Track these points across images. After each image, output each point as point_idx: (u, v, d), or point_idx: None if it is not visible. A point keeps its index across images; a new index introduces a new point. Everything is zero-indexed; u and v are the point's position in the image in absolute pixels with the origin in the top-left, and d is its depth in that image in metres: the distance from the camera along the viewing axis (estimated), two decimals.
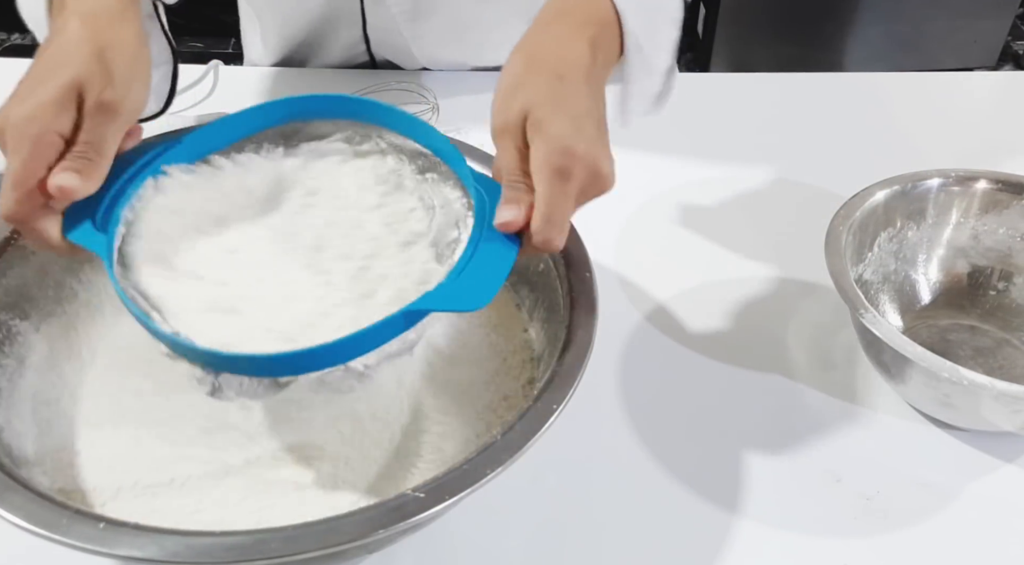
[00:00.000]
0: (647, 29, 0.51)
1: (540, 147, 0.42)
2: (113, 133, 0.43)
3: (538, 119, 0.42)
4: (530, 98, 0.43)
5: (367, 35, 0.84)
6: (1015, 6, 2.13)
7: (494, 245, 0.41)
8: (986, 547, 0.50)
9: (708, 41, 2.12)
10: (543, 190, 0.41)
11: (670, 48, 0.54)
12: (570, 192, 0.42)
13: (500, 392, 0.50)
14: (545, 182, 0.41)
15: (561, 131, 0.42)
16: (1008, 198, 0.60)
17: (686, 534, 0.50)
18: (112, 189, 0.43)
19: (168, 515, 0.43)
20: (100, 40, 0.43)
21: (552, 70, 0.45)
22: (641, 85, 0.54)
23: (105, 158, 0.42)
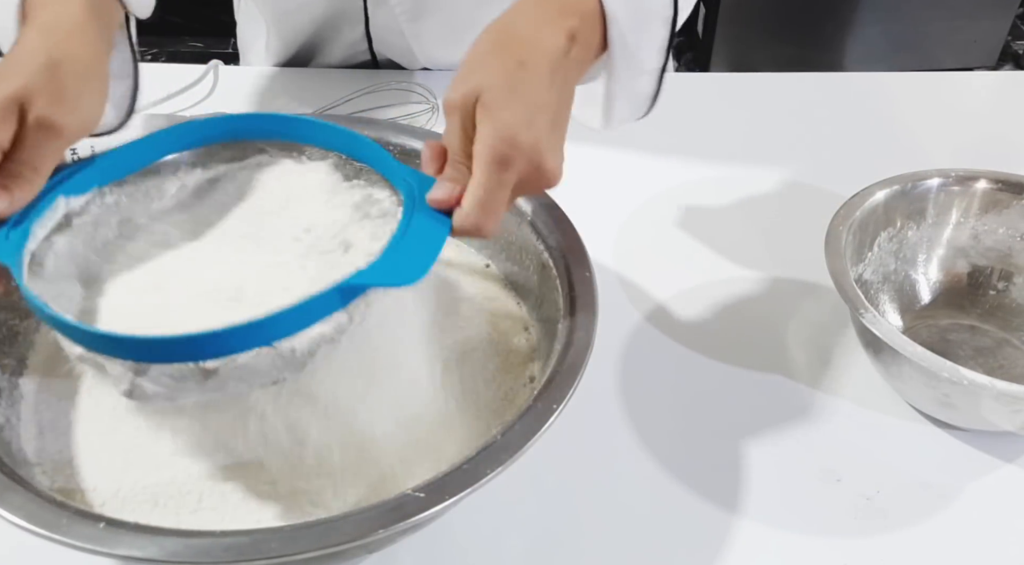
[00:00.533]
0: (634, 25, 0.49)
1: (485, 132, 0.42)
2: (52, 151, 0.42)
3: (488, 102, 0.42)
4: (486, 79, 0.42)
5: (369, 34, 0.84)
6: (1015, 6, 2.13)
7: (427, 223, 0.41)
8: (986, 547, 0.50)
9: (708, 41, 2.12)
10: (480, 175, 0.41)
11: (660, 47, 0.52)
12: (507, 181, 0.42)
13: (501, 390, 0.50)
14: (483, 167, 0.41)
15: (509, 119, 0.42)
16: (1008, 198, 0.60)
17: (686, 534, 0.50)
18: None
19: (168, 515, 0.43)
20: (54, 53, 0.42)
21: (515, 54, 0.44)
22: (626, 84, 0.52)
23: (39, 176, 0.42)
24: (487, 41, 0.45)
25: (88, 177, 0.45)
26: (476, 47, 0.45)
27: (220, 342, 0.36)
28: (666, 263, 0.68)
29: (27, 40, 0.43)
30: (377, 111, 0.79)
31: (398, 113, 0.78)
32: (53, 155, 0.42)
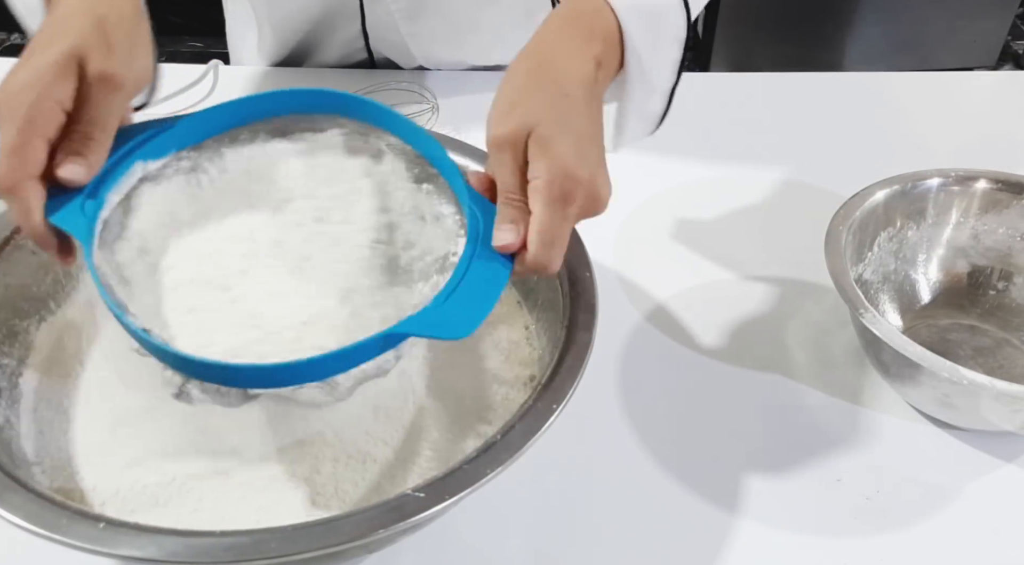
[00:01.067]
0: (649, 46, 0.50)
1: (543, 168, 0.41)
2: (116, 107, 0.42)
3: (543, 138, 0.41)
4: (535, 114, 0.42)
5: (366, 32, 0.84)
6: (1015, 6, 2.13)
7: (484, 268, 0.40)
8: (986, 547, 0.50)
9: (708, 41, 2.12)
10: (543, 213, 0.41)
11: (672, 67, 0.53)
12: (570, 216, 0.42)
13: (502, 389, 0.50)
14: (546, 205, 0.41)
15: (566, 153, 0.41)
16: (1008, 198, 0.60)
17: (686, 534, 0.50)
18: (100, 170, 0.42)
19: (168, 515, 0.43)
20: (98, 9, 0.42)
21: (558, 86, 0.44)
22: (639, 104, 0.53)
23: (108, 136, 0.42)
24: (523, 72, 0.45)
25: (166, 141, 0.45)
26: (513, 79, 0.45)
27: (269, 376, 0.38)
28: (666, 263, 0.68)
29: (67, 3, 0.43)
30: None
31: None
32: (117, 111, 0.42)
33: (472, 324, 0.38)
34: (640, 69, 0.50)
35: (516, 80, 0.44)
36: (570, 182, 0.41)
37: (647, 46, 0.50)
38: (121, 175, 0.43)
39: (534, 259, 0.41)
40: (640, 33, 0.49)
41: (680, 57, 0.53)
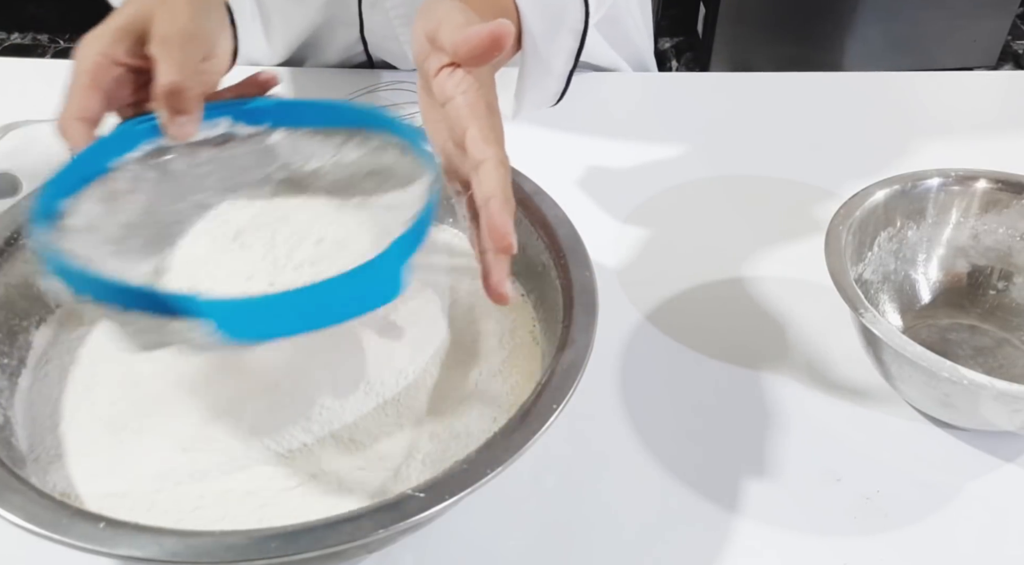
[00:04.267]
0: (546, 34, 0.53)
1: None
2: (190, 61, 0.45)
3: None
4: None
5: (364, 38, 0.84)
6: (1015, 6, 2.13)
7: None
8: (986, 547, 0.50)
9: (708, 41, 2.12)
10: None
11: (568, 55, 0.57)
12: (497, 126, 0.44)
13: (507, 384, 0.50)
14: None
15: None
16: (1008, 198, 0.60)
17: (686, 534, 0.50)
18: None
19: (168, 514, 0.43)
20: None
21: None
22: (536, 82, 0.56)
23: (191, 89, 0.45)
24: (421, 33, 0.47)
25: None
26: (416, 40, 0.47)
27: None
28: (666, 263, 0.68)
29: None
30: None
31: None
32: (191, 66, 0.46)
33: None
34: (536, 53, 0.54)
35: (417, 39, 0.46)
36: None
37: (543, 33, 0.53)
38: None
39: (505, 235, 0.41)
40: (537, 23, 0.52)
41: (577, 47, 0.56)
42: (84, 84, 0.45)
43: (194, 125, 0.45)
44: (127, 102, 0.48)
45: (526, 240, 0.53)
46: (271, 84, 0.51)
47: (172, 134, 0.45)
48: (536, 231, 0.52)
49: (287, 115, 0.49)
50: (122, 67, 0.46)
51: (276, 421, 0.47)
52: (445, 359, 0.51)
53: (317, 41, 0.85)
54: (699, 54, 2.20)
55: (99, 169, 0.45)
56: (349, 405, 0.48)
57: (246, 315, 0.36)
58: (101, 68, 0.45)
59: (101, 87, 0.45)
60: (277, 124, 0.49)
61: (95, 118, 0.46)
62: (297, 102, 0.49)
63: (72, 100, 0.45)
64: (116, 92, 0.47)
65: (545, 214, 0.53)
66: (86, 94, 0.45)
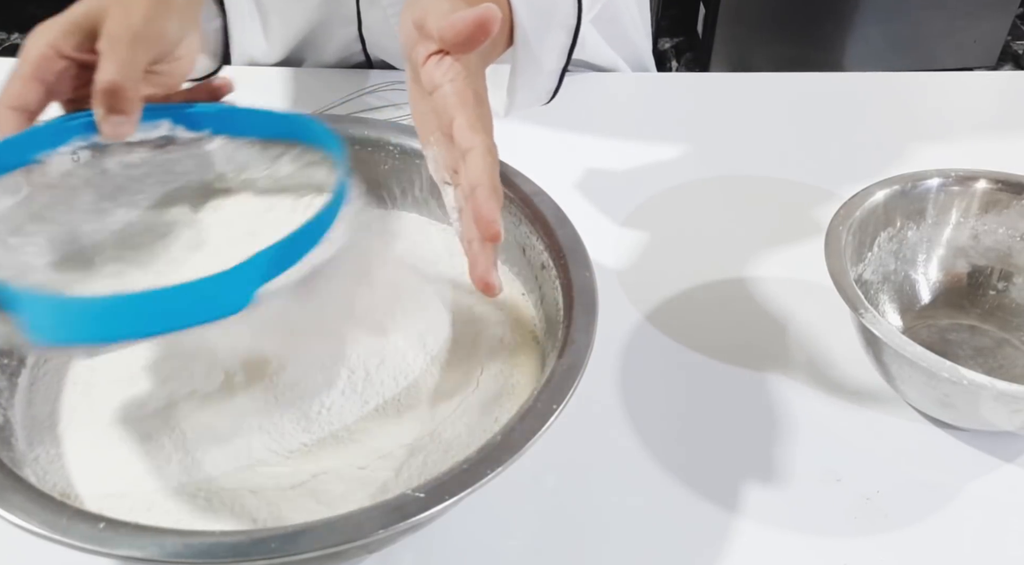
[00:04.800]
0: (538, 30, 0.52)
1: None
2: (137, 62, 0.45)
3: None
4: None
5: (362, 36, 0.84)
6: (1015, 6, 2.13)
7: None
8: (986, 547, 0.50)
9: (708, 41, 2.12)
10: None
11: (561, 51, 0.56)
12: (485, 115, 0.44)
13: (508, 384, 0.50)
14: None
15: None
16: (1008, 198, 0.60)
17: (686, 534, 0.50)
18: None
19: (168, 514, 0.43)
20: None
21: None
22: (528, 79, 0.55)
23: (132, 89, 0.44)
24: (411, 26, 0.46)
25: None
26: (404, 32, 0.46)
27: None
28: (666, 263, 0.68)
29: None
30: (376, 111, 0.79)
31: (397, 113, 0.78)
32: (137, 68, 0.45)
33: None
34: (527, 49, 0.53)
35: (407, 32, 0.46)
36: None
37: (534, 29, 0.52)
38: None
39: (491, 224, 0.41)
40: (528, 17, 0.51)
41: (569, 43, 0.56)
42: (24, 74, 0.45)
43: (130, 126, 0.45)
44: (69, 97, 0.47)
45: (526, 240, 0.53)
46: (224, 91, 0.50)
47: (106, 133, 0.45)
48: (536, 231, 0.52)
49: (227, 122, 0.48)
50: (68, 61, 0.45)
51: (276, 421, 0.47)
52: (446, 359, 0.51)
53: (315, 39, 0.85)
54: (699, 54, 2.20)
55: (23, 159, 0.44)
56: (349, 405, 0.48)
57: (57, 314, 0.34)
58: (46, 59, 0.45)
59: (42, 79, 0.45)
60: (217, 131, 0.48)
61: (30, 109, 0.45)
62: (238, 110, 0.49)
63: (10, 88, 0.44)
64: (57, 85, 0.46)
65: (545, 214, 0.53)
66: (25, 84, 0.44)
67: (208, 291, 0.35)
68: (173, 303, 0.35)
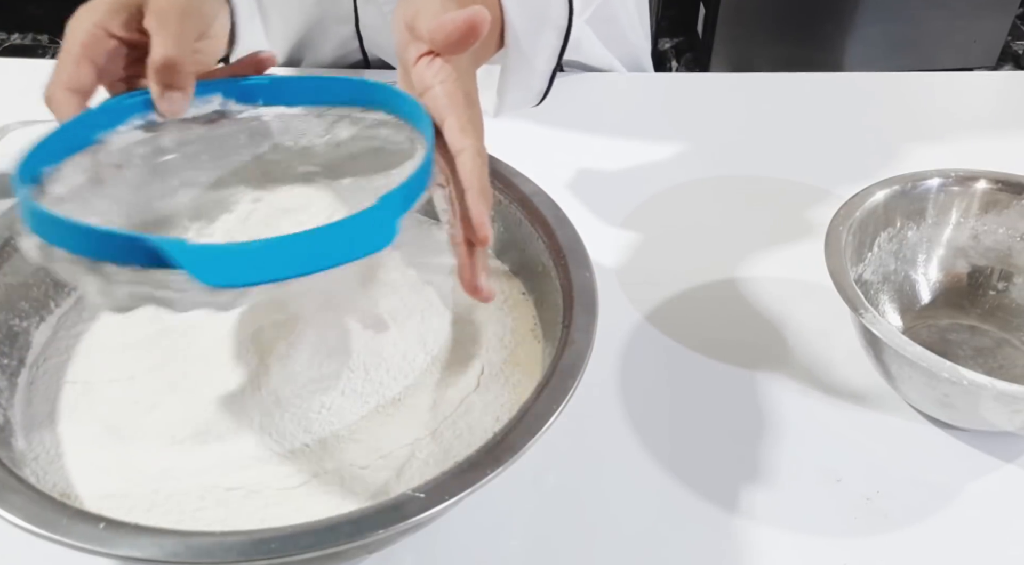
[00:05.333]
0: (529, 31, 0.52)
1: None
2: (186, 36, 0.45)
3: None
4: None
5: (360, 33, 0.84)
6: (1015, 6, 2.13)
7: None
8: (986, 547, 0.50)
9: (708, 41, 2.12)
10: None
11: (552, 52, 0.56)
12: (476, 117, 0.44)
13: (509, 383, 0.50)
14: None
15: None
16: (1008, 198, 0.60)
17: (686, 534, 0.50)
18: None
19: (168, 515, 0.43)
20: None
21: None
22: (519, 79, 0.55)
23: (183, 62, 0.44)
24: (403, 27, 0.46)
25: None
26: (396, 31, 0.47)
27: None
28: (666, 263, 0.68)
29: None
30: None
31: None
32: (188, 41, 0.45)
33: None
34: (519, 50, 0.53)
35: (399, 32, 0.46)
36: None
37: (526, 30, 0.52)
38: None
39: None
40: (519, 18, 0.51)
41: (560, 44, 0.56)
42: (75, 55, 0.44)
43: (185, 101, 0.45)
44: (119, 77, 0.47)
45: (526, 240, 0.53)
46: (268, 64, 0.50)
47: (163, 110, 0.45)
48: (536, 231, 0.52)
49: (280, 93, 0.48)
50: (115, 40, 0.46)
51: (277, 420, 0.47)
52: (446, 358, 0.51)
53: (313, 38, 0.86)
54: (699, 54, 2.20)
55: (86, 140, 0.44)
56: (350, 404, 0.48)
57: (225, 260, 0.35)
58: (95, 40, 0.45)
59: (93, 59, 0.45)
60: (269, 102, 0.48)
61: (85, 90, 0.45)
62: (290, 79, 0.49)
63: (62, 70, 0.44)
64: (108, 65, 0.46)
65: (545, 214, 0.53)
66: (77, 65, 0.45)
67: (359, 227, 0.37)
68: (328, 241, 0.36)
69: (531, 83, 0.57)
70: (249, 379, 0.49)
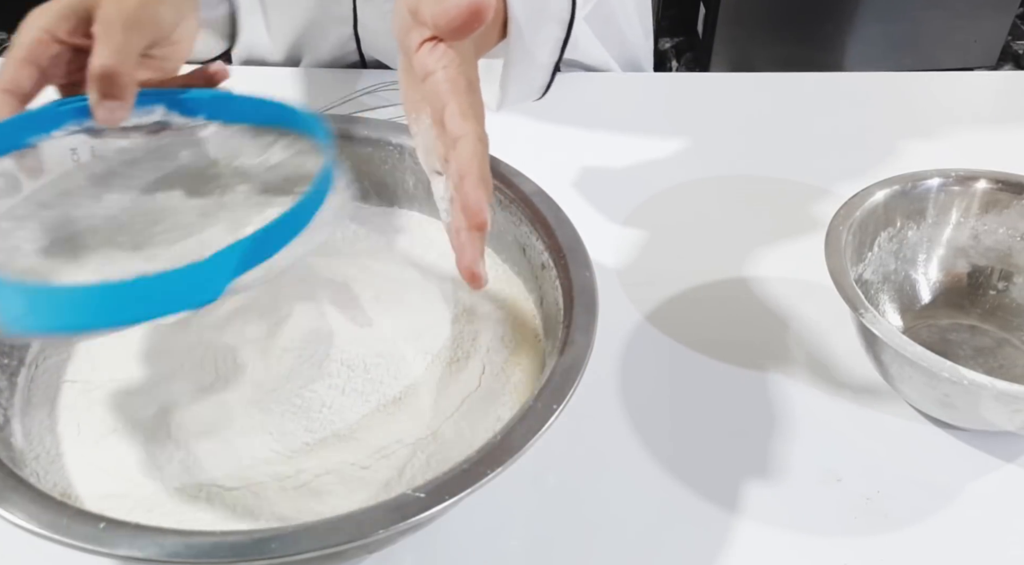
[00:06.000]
0: (532, 23, 0.52)
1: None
2: (132, 47, 0.45)
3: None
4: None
5: (357, 35, 0.84)
6: (1015, 6, 2.13)
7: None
8: (986, 547, 0.50)
9: (708, 41, 2.12)
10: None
11: (555, 45, 0.56)
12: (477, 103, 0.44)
13: (511, 382, 0.50)
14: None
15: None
16: (1008, 198, 0.60)
17: (686, 534, 0.50)
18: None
19: (169, 515, 0.43)
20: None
21: None
22: (521, 72, 0.55)
23: (127, 75, 0.44)
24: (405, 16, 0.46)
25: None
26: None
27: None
28: (666, 263, 0.68)
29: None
30: (375, 111, 0.79)
31: (396, 113, 0.78)
32: (132, 53, 0.45)
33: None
34: (521, 43, 0.53)
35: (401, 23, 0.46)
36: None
37: (529, 22, 0.52)
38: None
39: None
40: (522, 10, 0.51)
41: (563, 36, 0.56)
42: (19, 57, 0.45)
43: (124, 111, 0.45)
44: (62, 82, 0.48)
45: (526, 240, 0.53)
46: (219, 78, 0.50)
47: (100, 118, 0.45)
48: (536, 231, 0.52)
49: (222, 109, 0.48)
50: (62, 45, 0.46)
51: (278, 420, 0.47)
52: (447, 358, 0.51)
53: (312, 37, 0.86)
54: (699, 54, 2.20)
55: (16, 143, 0.44)
56: (351, 404, 0.48)
57: (26, 302, 0.34)
58: (40, 44, 0.45)
59: (36, 63, 0.45)
60: (211, 117, 0.48)
61: (24, 92, 0.45)
62: (232, 96, 0.49)
63: (4, 71, 0.45)
64: (52, 69, 0.46)
65: (545, 214, 0.53)
66: (19, 67, 0.45)
67: (179, 282, 0.35)
68: (143, 293, 0.34)
69: (533, 76, 0.57)
70: (250, 379, 0.49)
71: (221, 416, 0.47)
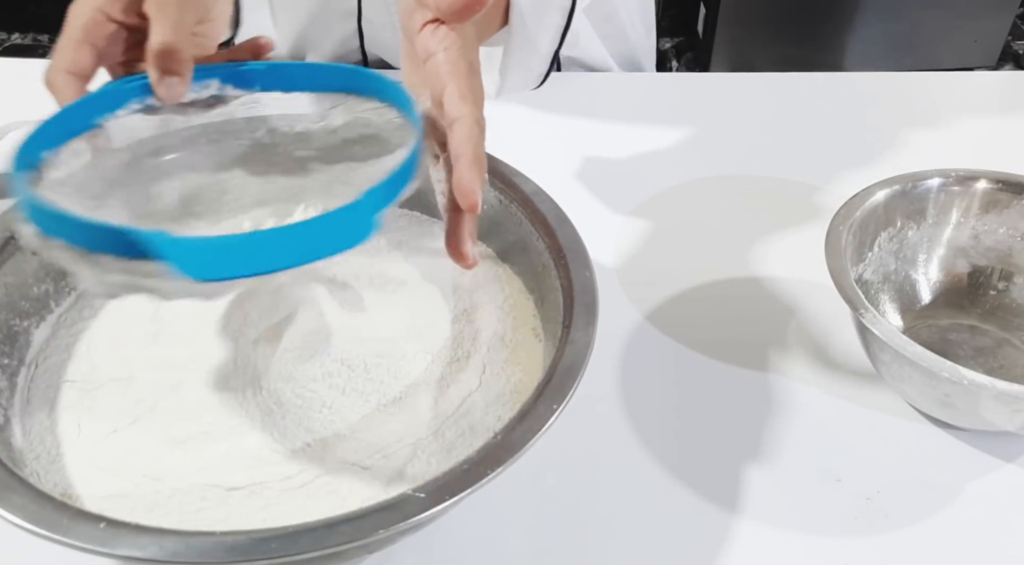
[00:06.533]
0: (533, 7, 0.52)
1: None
2: (186, 23, 0.45)
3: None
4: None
5: (361, 30, 0.84)
6: (1015, 6, 2.13)
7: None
8: (986, 547, 0.50)
9: (708, 41, 2.12)
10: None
11: (555, 33, 0.56)
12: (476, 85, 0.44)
13: (511, 382, 0.50)
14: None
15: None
16: (1008, 198, 0.60)
17: (686, 534, 0.50)
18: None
19: (169, 515, 0.43)
20: None
21: None
22: (521, 59, 0.55)
23: (183, 49, 0.44)
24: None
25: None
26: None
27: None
28: (666, 263, 0.68)
29: None
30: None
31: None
32: (187, 27, 0.45)
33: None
34: (523, 30, 0.53)
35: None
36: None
37: (531, 7, 0.52)
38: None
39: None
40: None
41: (564, 24, 0.56)
42: (76, 39, 0.45)
43: (184, 86, 0.45)
44: (119, 60, 0.48)
45: (527, 240, 0.53)
46: (267, 49, 0.50)
47: (161, 95, 0.45)
48: (536, 231, 0.52)
49: (277, 78, 0.49)
50: (116, 24, 0.46)
51: (278, 420, 0.47)
52: (448, 357, 0.51)
53: (316, 32, 0.86)
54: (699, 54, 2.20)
55: (85, 125, 0.44)
56: (352, 403, 0.48)
57: (207, 253, 0.35)
58: (95, 24, 0.45)
59: (93, 43, 0.45)
60: (267, 88, 0.49)
61: (85, 73, 0.45)
62: (287, 65, 0.49)
63: (62, 53, 0.45)
64: (108, 49, 0.46)
65: (545, 214, 0.53)
66: (77, 48, 0.45)
67: (341, 221, 0.37)
68: (310, 236, 0.36)
69: (533, 64, 0.57)
70: (250, 378, 0.49)
71: (222, 416, 0.47)
